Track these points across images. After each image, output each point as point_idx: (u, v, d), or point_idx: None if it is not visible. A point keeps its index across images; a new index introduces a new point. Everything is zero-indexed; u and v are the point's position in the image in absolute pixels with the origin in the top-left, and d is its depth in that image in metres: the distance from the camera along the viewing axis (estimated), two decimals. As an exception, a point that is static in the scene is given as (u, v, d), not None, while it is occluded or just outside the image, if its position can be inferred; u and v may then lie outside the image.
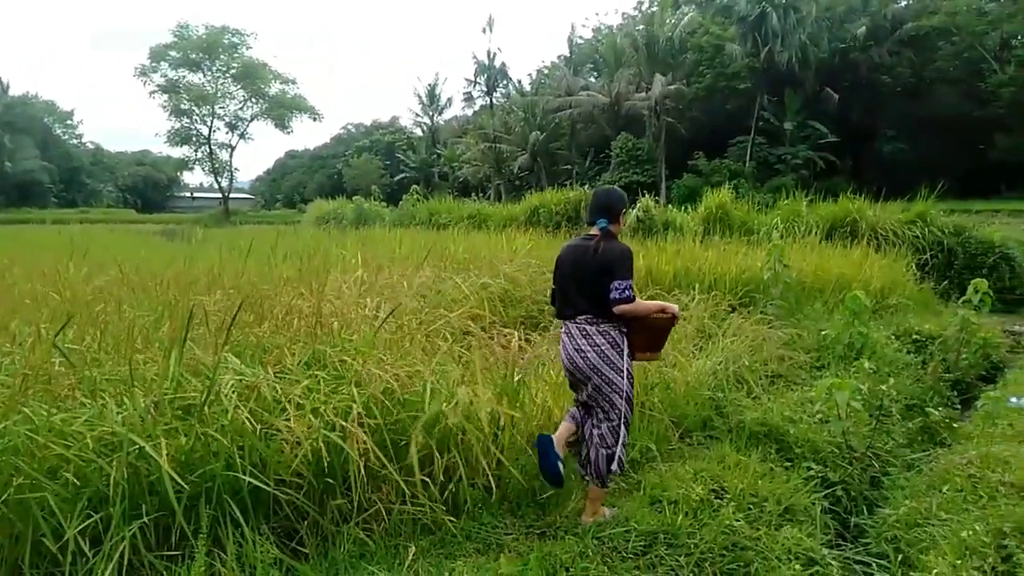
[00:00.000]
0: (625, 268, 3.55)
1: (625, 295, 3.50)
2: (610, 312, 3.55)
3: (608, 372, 3.60)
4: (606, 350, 3.60)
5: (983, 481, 4.22)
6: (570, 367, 3.71)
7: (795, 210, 14.14)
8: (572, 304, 3.71)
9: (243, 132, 56.90)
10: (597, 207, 3.78)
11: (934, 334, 7.89)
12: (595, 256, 3.59)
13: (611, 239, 3.68)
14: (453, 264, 8.10)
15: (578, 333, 3.65)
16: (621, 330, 3.67)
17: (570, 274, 3.73)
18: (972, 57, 35.53)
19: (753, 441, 4.80)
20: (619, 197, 3.88)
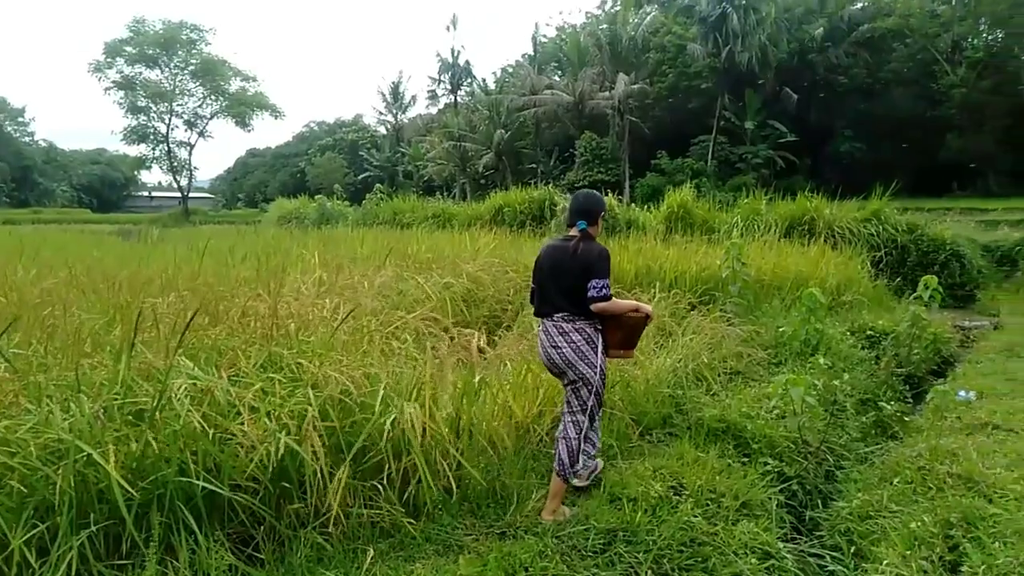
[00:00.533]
0: (603, 268, 3.70)
1: (603, 294, 3.65)
2: (587, 310, 3.70)
3: (581, 366, 3.73)
4: (581, 346, 3.73)
5: (932, 473, 4.34)
6: (547, 363, 3.86)
7: (755, 209, 14.36)
8: (551, 302, 3.83)
9: (203, 130, 55.98)
10: (576, 210, 3.91)
11: (887, 330, 8.09)
12: (574, 256, 3.72)
13: (590, 240, 3.81)
14: (415, 264, 8.05)
15: (555, 331, 3.78)
16: (596, 328, 3.81)
17: (549, 274, 3.84)
18: (925, 59, 36.46)
19: (712, 437, 4.86)
20: (597, 200, 4.00)
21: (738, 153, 36.98)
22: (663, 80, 41.82)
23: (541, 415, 4.57)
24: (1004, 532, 3.53)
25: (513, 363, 5.01)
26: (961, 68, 34.22)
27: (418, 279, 7.27)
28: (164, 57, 52.13)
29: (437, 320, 7.04)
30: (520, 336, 6.44)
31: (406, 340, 4.16)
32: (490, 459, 4.01)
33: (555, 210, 18.87)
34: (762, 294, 8.42)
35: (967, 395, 5.98)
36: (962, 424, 5.32)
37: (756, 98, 36.57)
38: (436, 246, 10.63)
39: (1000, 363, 7.40)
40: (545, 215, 18.99)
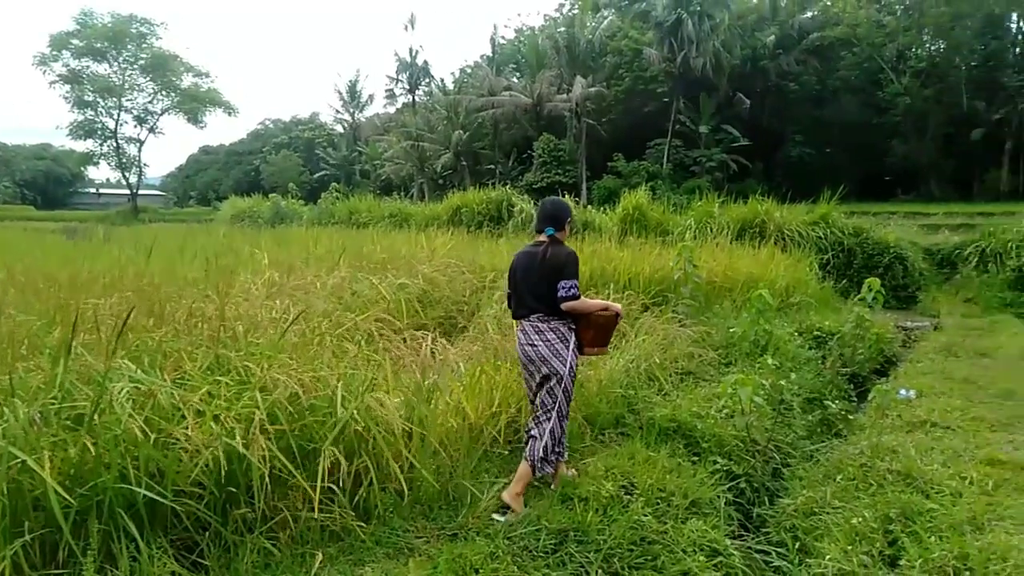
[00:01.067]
0: (571, 270, 3.95)
1: (571, 293, 3.90)
2: (559, 310, 3.95)
3: (553, 362, 3.97)
4: (555, 344, 3.98)
5: (873, 470, 4.47)
6: (524, 360, 4.08)
7: (708, 211, 14.60)
8: (525, 305, 4.08)
9: (153, 126, 54.42)
10: (544, 216, 4.17)
11: (833, 330, 8.31)
12: (543, 260, 3.97)
13: (558, 244, 4.07)
14: (370, 264, 7.98)
15: (531, 330, 4.03)
16: (570, 327, 4.05)
17: (522, 278, 4.09)
18: (871, 67, 37.51)
19: (663, 437, 4.93)
20: (564, 207, 4.28)
21: (693, 156, 37.53)
22: (620, 84, 42.22)
23: (495, 416, 4.57)
24: (940, 526, 3.65)
25: (466, 365, 5.01)
26: (905, 77, 35.31)
27: (373, 280, 7.21)
28: (113, 51, 50.52)
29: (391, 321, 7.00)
30: (475, 338, 6.44)
31: (358, 342, 4.12)
32: (443, 461, 4.00)
33: (512, 211, 18.92)
34: (713, 295, 8.57)
35: (907, 394, 6.17)
36: (902, 422, 5.50)
37: (710, 103, 37.17)
38: (392, 247, 10.56)
39: (939, 363, 7.66)
40: (503, 216, 19.02)
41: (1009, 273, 12.84)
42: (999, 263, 13.23)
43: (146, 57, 51.32)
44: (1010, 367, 7.41)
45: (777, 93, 39.40)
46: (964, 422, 5.36)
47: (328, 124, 71.46)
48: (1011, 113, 31.28)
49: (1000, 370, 7.19)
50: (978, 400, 6.03)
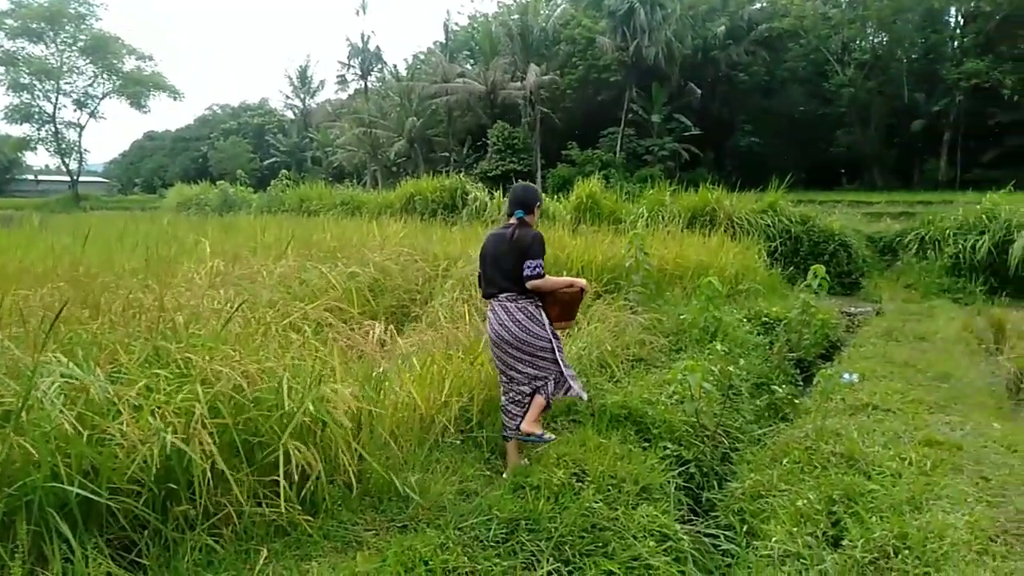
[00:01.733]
0: (536, 250, 4.18)
1: (536, 272, 4.14)
2: (526, 288, 4.18)
3: (534, 341, 4.21)
4: (525, 323, 4.19)
5: (817, 453, 4.58)
6: (496, 339, 4.26)
7: (659, 200, 14.75)
8: (495, 284, 4.29)
9: (93, 110, 52.42)
10: (515, 200, 4.39)
11: (781, 316, 8.48)
12: (511, 241, 4.20)
13: (526, 227, 4.29)
14: (320, 253, 7.83)
15: (501, 309, 4.23)
16: (537, 304, 4.27)
17: (491, 259, 4.32)
18: (817, 59, 38.34)
19: (614, 424, 4.95)
20: (534, 192, 4.53)
21: (645, 145, 37.84)
22: (573, 72, 42.27)
23: (447, 405, 4.53)
24: (880, 507, 3.75)
25: (417, 354, 4.95)
26: (850, 69, 36.19)
27: (322, 268, 7.09)
28: (50, 32, 48.38)
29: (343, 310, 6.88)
30: (428, 327, 6.38)
31: (306, 332, 4.02)
32: (393, 452, 3.94)
33: (467, 199, 18.81)
34: (665, 283, 8.66)
35: (851, 378, 6.32)
36: (846, 405, 5.65)
37: (662, 92, 37.49)
38: (343, 235, 10.39)
39: (880, 347, 7.89)
40: (457, 204, 18.88)
41: (946, 260, 13.29)
42: (937, 250, 13.68)
43: (85, 39, 49.29)
44: (946, 350, 7.68)
45: (727, 83, 39.98)
46: (904, 404, 5.53)
47: (278, 110, 70.10)
48: (949, 105, 32.33)
49: (937, 353, 7.44)
50: (917, 383, 6.22)
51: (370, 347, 4.07)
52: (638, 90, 38.27)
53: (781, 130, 38.99)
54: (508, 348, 4.22)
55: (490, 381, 4.87)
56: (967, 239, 13.20)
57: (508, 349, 4.23)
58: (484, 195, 18.55)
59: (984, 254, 12.82)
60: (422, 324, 6.79)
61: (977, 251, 12.89)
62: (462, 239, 9.98)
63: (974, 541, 3.33)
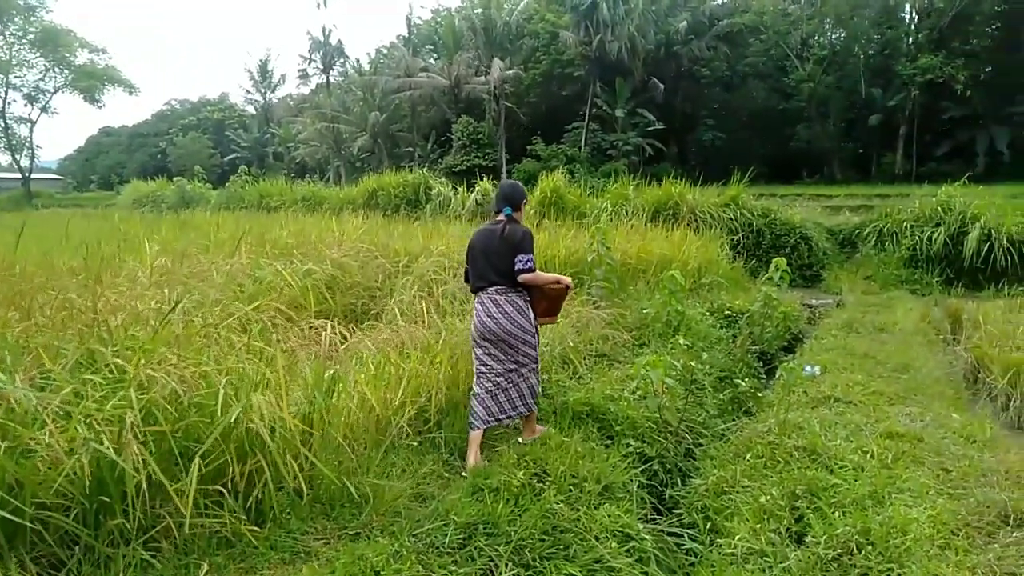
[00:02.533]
0: (527, 245, 4.36)
1: (528, 266, 4.31)
2: (515, 282, 4.33)
3: (520, 334, 4.36)
4: (515, 317, 4.33)
5: (780, 447, 4.53)
6: (483, 331, 4.36)
7: (623, 194, 14.74)
8: (484, 278, 4.40)
9: (45, 105, 50.77)
10: (502, 197, 4.57)
11: (743, 309, 8.48)
12: (502, 237, 4.34)
13: (515, 223, 4.44)
14: (275, 250, 7.60)
15: (490, 302, 4.35)
16: (525, 299, 4.43)
17: (481, 253, 4.43)
18: (777, 54, 38.83)
19: (576, 421, 4.86)
20: (520, 189, 4.69)
21: (609, 140, 37.94)
22: (537, 67, 42.17)
23: (403, 406, 4.39)
24: (843, 501, 3.71)
25: (372, 354, 4.79)
26: (809, 64, 36.69)
27: (277, 266, 6.87)
28: (-2, 25, 46.78)
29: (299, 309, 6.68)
30: (387, 324, 6.21)
31: (251, 333, 3.84)
32: (347, 456, 3.79)
33: (430, 194, 18.61)
34: (628, 277, 8.60)
35: (812, 370, 6.34)
36: (808, 398, 5.63)
37: (626, 87, 37.61)
38: (302, 231, 10.14)
39: (841, 339, 7.93)
40: (420, 199, 18.68)
41: (904, 251, 13.48)
42: (895, 242, 13.87)
43: (35, 31, 47.68)
44: (905, 341, 7.75)
45: (689, 78, 40.27)
46: (865, 396, 5.53)
47: (239, 105, 68.86)
48: (904, 100, 32.95)
49: (896, 344, 7.50)
50: (877, 374, 6.25)
51: (323, 347, 3.90)
52: (602, 85, 38.33)
53: (743, 125, 39.42)
54: (494, 340, 4.35)
55: (449, 380, 4.74)
56: (923, 231, 13.41)
57: (494, 340, 4.36)
58: (448, 190, 18.36)
59: (940, 246, 13.04)
60: (381, 322, 6.63)
61: (933, 243, 13.11)
62: (424, 235, 9.81)
63: (936, 535, 3.30)
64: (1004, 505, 3.55)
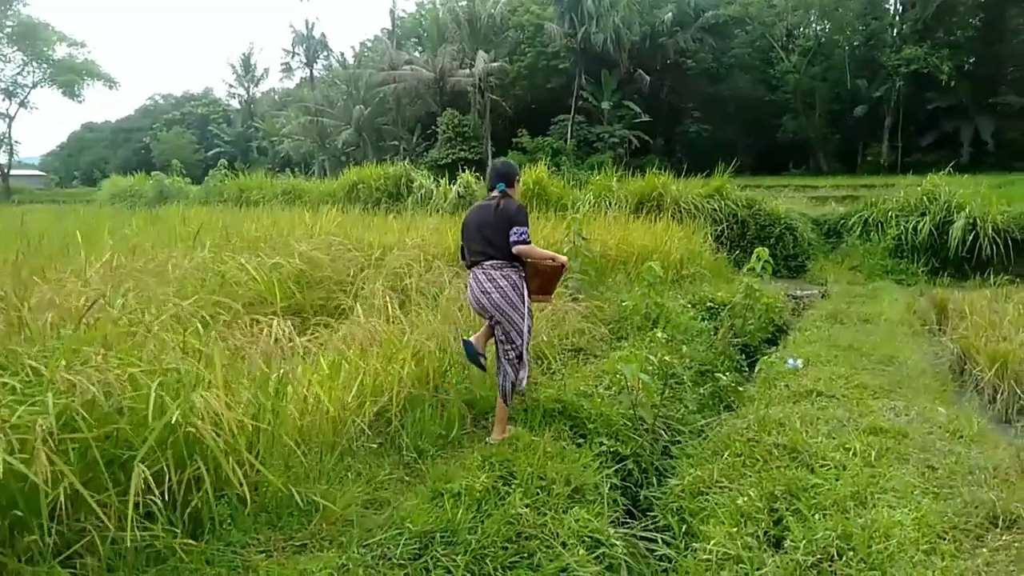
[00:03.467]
0: (522, 218, 4.34)
1: (523, 238, 4.28)
2: (510, 256, 4.31)
3: (509, 311, 4.30)
4: (508, 292, 4.29)
5: (759, 444, 4.33)
6: (476, 306, 4.42)
7: (606, 185, 14.53)
8: (479, 252, 4.40)
9: (23, 100, 49.99)
10: (496, 175, 4.57)
11: (726, 301, 8.28)
12: (497, 211, 4.36)
13: (509, 199, 4.45)
14: (242, 243, 7.32)
15: (484, 277, 4.33)
16: (520, 274, 4.40)
17: (476, 229, 4.44)
18: (763, 46, 38.69)
19: (547, 419, 4.64)
20: (513, 167, 4.74)
21: (596, 133, 37.68)
22: (523, 59, 41.85)
23: (362, 407, 4.15)
24: (824, 503, 3.52)
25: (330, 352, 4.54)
26: (794, 55, 36.61)
27: (242, 260, 6.61)
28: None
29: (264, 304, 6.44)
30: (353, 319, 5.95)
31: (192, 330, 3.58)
32: (298, 461, 3.55)
33: (412, 187, 18.34)
34: (607, 269, 8.38)
35: (795, 363, 6.15)
36: (790, 392, 5.43)
37: (612, 79, 37.37)
38: (275, 224, 9.87)
39: (825, 330, 7.75)
40: (402, 192, 18.41)
41: (889, 241, 13.36)
42: (880, 232, 13.75)
43: (12, 25, 46.82)
44: (891, 332, 7.58)
45: (675, 70, 40.02)
46: (848, 390, 5.34)
47: (223, 100, 68.19)
48: (889, 91, 32.89)
49: (881, 336, 7.32)
50: (862, 367, 6.06)
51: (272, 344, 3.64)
52: (587, 77, 38.07)
53: (729, 116, 39.27)
54: (486, 315, 4.39)
55: (414, 377, 4.50)
56: (909, 221, 13.29)
57: (485, 316, 4.41)
58: (430, 183, 18.09)
59: (925, 235, 12.92)
60: (350, 318, 6.38)
61: (919, 232, 12.99)
62: (400, 228, 9.55)
63: (921, 539, 3.10)
64: (992, 505, 3.35)
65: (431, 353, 4.71)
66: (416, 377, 4.53)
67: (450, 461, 4.04)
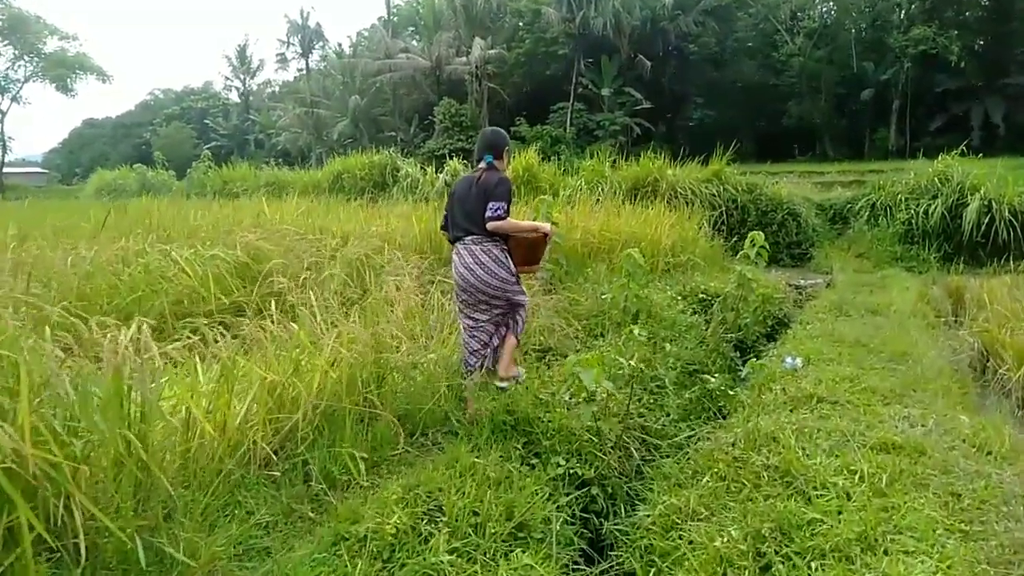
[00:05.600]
0: (500, 193, 4.12)
1: (496, 214, 4.08)
2: (490, 232, 4.12)
3: (500, 284, 4.18)
4: (492, 267, 4.15)
5: (747, 466, 3.60)
6: (462, 283, 4.23)
7: (599, 171, 13.81)
8: (460, 227, 4.24)
9: (16, 95, 49.32)
10: (484, 145, 4.38)
11: (719, 292, 7.53)
12: (477, 184, 4.19)
13: (494, 171, 4.25)
14: (178, 233, 6.62)
15: (466, 253, 4.19)
16: (503, 248, 4.23)
17: (458, 203, 4.28)
18: (767, 29, 37.69)
19: (496, 436, 3.92)
20: (502, 135, 4.49)
21: (596, 120, 36.83)
22: (521, 46, 40.96)
23: (262, 426, 3.43)
24: (822, 546, 2.78)
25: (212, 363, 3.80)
26: (799, 38, 35.59)
27: (174, 252, 5.92)
28: (-39, 13, 45.21)
29: (196, 299, 5.84)
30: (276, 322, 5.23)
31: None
32: (156, 500, 2.84)
33: (397, 176, 17.65)
34: (589, 258, 7.63)
35: (793, 362, 5.41)
36: (786, 397, 4.68)
37: (612, 65, 36.49)
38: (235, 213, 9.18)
39: (829, 323, 6.99)
40: (388, 181, 17.71)
41: (898, 226, 12.57)
42: (889, 216, 12.96)
43: (2, 19, 46.14)
44: (902, 325, 6.80)
45: (677, 55, 39.11)
46: (854, 395, 4.58)
47: (222, 93, 67.60)
48: (897, 74, 31.93)
49: (892, 329, 6.54)
50: (870, 366, 5.30)
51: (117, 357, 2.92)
52: (587, 63, 37.21)
53: (733, 102, 38.28)
54: (473, 292, 4.19)
55: (333, 390, 3.78)
56: (919, 204, 12.49)
57: (474, 293, 4.19)
58: (416, 171, 17.38)
59: (937, 219, 12.12)
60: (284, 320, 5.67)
61: (930, 216, 12.19)
62: (366, 217, 8.84)
63: (949, 604, 2.38)
64: (1037, 550, 2.63)
65: (361, 357, 3.99)
66: (337, 388, 3.80)
67: (368, 491, 3.33)
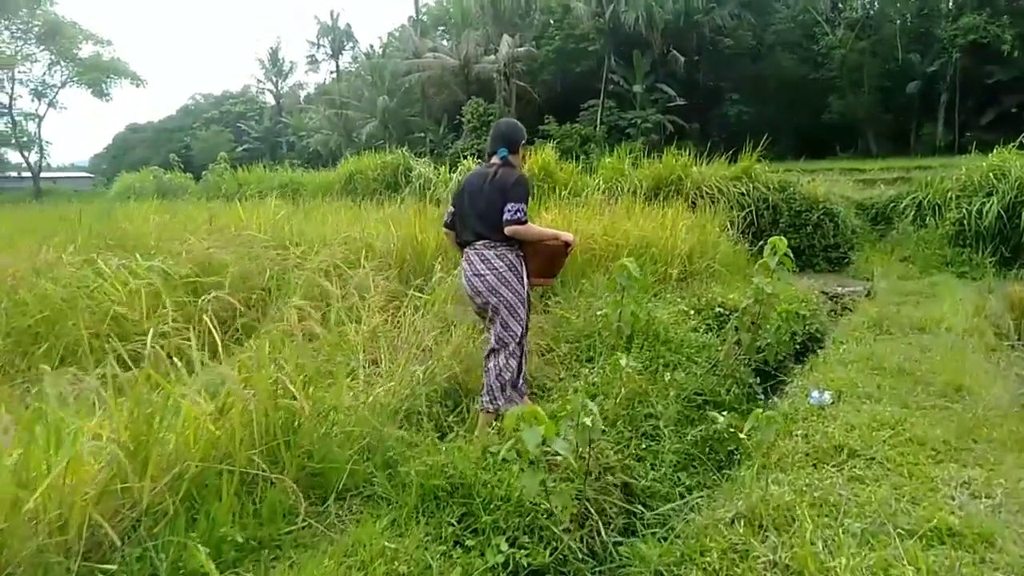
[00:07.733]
0: (519, 193, 3.77)
1: (516, 216, 3.72)
2: (506, 236, 3.77)
3: (507, 294, 3.80)
4: (504, 272, 3.80)
5: (747, 559, 2.67)
6: (470, 292, 3.91)
7: (618, 170, 12.85)
8: (470, 229, 3.90)
9: (52, 100, 50.10)
10: (497, 137, 4.03)
11: (738, 306, 6.54)
12: (492, 181, 3.83)
13: (510, 167, 3.90)
14: (113, 240, 5.91)
15: (477, 258, 3.85)
16: (518, 254, 3.88)
17: (468, 199, 3.93)
18: (806, 20, 36.14)
19: (429, 504, 3.06)
20: (518, 129, 4.12)
21: (627, 118, 35.76)
22: (550, 43, 40.16)
23: (83, 498, 2.63)
24: None
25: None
26: (840, 29, 34.02)
27: (101, 262, 5.20)
28: (3, 19, 45.96)
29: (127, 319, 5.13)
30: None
31: None
32: None
33: (409, 176, 16.97)
34: (589, 267, 6.71)
35: (821, 396, 4.45)
36: (809, 447, 3.72)
37: (644, 61, 35.40)
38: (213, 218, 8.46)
39: (867, 344, 5.94)
40: (399, 182, 17.02)
41: (948, 227, 11.35)
42: (937, 216, 11.74)
43: (39, 24, 46.83)
44: (955, 347, 5.72)
45: (713, 50, 37.87)
46: (897, 448, 3.58)
47: (259, 96, 68.36)
48: (945, 65, 30.23)
49: (943, 353, 5.47)
50: (916, 405, 4.28)
51: None
52: (618, 60, 36.21)
53: (771, 97, 36.84)
54: (484, 301, 3.86)
55: (216, 448, 2.96)
56: (972, 202, 11.23)
57: (486, 300, 3.85)
58: (429, 171, 16.68)
59: (992, 219, 10.85)
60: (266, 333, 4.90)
61: (984, 216, 10.93)
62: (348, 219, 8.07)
63: None
64: None
65: (258, 402, 3.16)
66: (226, 444, 2.98)
67: None
